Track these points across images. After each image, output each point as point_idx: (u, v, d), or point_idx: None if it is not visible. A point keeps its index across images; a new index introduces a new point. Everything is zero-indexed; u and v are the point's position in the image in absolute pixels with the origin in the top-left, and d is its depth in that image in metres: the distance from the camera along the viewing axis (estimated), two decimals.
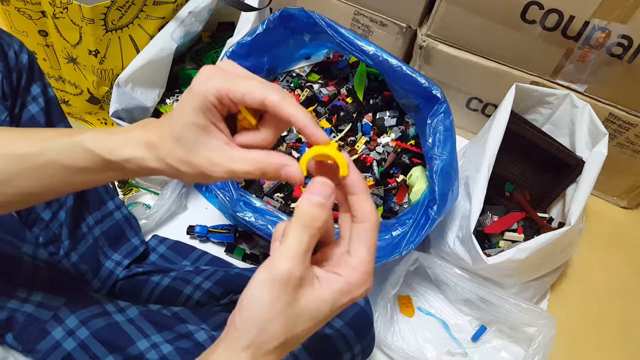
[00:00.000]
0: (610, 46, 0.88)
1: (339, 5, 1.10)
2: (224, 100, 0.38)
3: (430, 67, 1.09)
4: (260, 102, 0.38)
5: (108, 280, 0.77)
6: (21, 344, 0.61)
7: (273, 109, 0.38)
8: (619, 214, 1.13)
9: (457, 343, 0.90)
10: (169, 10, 0.99)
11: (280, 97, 0.38)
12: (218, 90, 0.38)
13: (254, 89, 0.38)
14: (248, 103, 0.38)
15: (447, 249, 0.87)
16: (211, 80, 0.38)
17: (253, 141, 0.41)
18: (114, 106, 0.92)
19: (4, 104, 0.64)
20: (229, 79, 0.38)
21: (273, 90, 0.38)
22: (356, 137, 0.97)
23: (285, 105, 0.38)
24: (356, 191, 0.39)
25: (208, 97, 0.38)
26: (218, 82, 0.38)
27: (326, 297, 0.37)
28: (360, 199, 0.39)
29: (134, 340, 0.62)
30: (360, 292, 0.38)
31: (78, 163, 0.42)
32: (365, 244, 0.38)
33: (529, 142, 0.93)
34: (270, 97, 0.38)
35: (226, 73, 0.39)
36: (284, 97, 0.38)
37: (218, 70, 0.39)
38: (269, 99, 0.38)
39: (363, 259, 0.38)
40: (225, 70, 0.39)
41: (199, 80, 0.38)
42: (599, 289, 1.02)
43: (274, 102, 0.38)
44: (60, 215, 0.71)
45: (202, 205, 1.03)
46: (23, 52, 0.68)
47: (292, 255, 0.35)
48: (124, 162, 0.41)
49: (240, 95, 0.38)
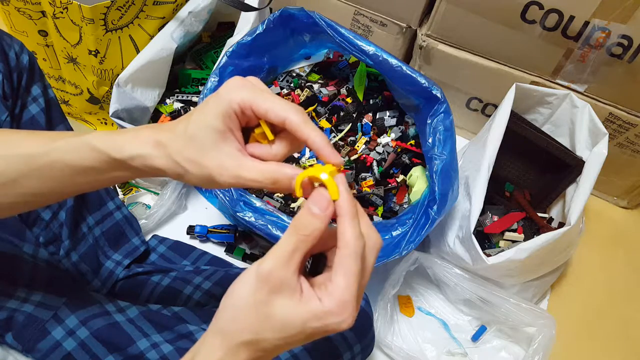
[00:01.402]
0: (610, 46, 0.88)
1: (339, 5, 1.10)
2: (246, 111, 0.40)
3: (430, 67, 1.09)
4: (281, 120, 0.39)
5: (108, 280, 0.77)
6: (21, 343, 0.61)
7: (292, 128, 0.39)
8: (619, 214, 1.14)
9: (457, 343, 0.90)
10: (169, 10, 0.99)
11: (302, 119, 0.39)
12: (244, 100, 0.40)
13: (278, 107, 0.39)
14: (270, 119, 0.40)
15: (447, 249, 0.87)
16: (239, 90, 0.40)
17: (264, 154, 0.42)
18: (114, 106, 0.92)
19: (5, 104, 0.64)
20: (256, 93, 0.40)
21: (295, 111, 0.40)
22: (356, 137, 0.97)
23: (305, 127, 0.39)
24: (340, 213, 0.38)
25: (232, 105, 0.40)
26: (245, 93, 0.40)
27: (299, 313, 0.36)
28: (341, 222, 0.37)
29: (134, 340, 0.62)
30: (334, 321, 0.36)
31: (84, 162, 0.43)
32: (342, 272, 0.36)
33: (529, 142, 0.93)
34: (292, 117, 0.39)
35: (254, 87, 0.41)
36: (305, 120, 0.39)
37: (247, 83, 0.41)
38: (290, 118, 0.39)
39: (339, 287, 0.36)
40: (253, 84, 0.41)
41: (227, 87, 0.40)
42: (599, 289, 1.02)
43: (294, 122, 0.39)
44: (60, 215, 0.71)
45: (202, 205, 1.03)
46: (24, 53, 0.68)
47: (277, 256, 0.36)
48: (129, 159, 0.41)
49: (263, 110, 0.40)
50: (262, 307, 0.36)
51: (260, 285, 0.36)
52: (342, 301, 0.36)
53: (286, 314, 0.36)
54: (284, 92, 1.00)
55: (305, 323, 0.36)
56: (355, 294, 0.36)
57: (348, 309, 0.36)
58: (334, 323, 0.36)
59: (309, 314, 0.36)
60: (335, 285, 0.36)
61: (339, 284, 0.36)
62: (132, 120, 0.98)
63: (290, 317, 0.36)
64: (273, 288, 0.36)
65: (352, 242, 0.36)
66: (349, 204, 0.38)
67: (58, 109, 0.74)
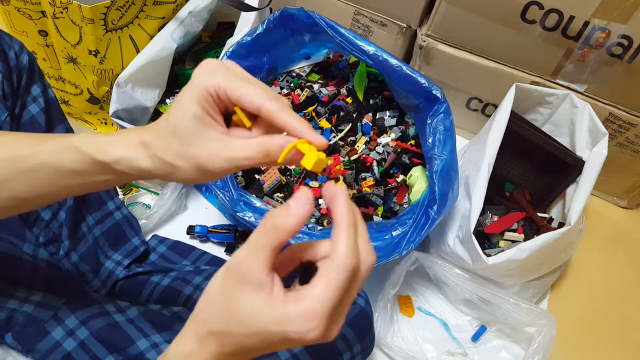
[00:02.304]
0: (610, 46, 0.88)
1: (339, 5, 1.10)
2: (221, 96, 0.39)
3: (430, 67, 1.09)
4: (256, 108, 0.38)
5: (108, 280, 0.77)
6: (21, 344, 0.61)
7: (269, 116, 0.38)
8: (619, 214, 1.13)
9: (457, 343, 0.90)
10: (169, 10, 0.99)
11: (278, 106, 0.38)
12: (218, 84, 0.38)
13: (252, 94, 0.38)
14: (244, 105, 0.39)
15: (447, 249, 0.87)
16: (212, 75, 0.39)
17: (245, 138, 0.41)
18: (114, 106, 0.92)
19: (5, 104, 0.64)
20: (231, 78, 0.39)
21: (271, 99, 0.38)
22: (356, 137, 0.97)
23: (281, 114, 0.38)
24: (337, 222, 0.35)
25: (207, 89, 0.38)
26: (219, 78, 0.38)
27: (260, 311, 0.33)
28: (337, 231, 0.35)
29: (134, 340, 0.62)
30: (296, 329, 0.33)
31: (69, 165, 0.42)
32: (323, 281, 0.33)
33: (529, 142, 0.93)
34: (266, 105, 0.38)
35: (229, 72, 0.39)
36: (281, 107, 0.38)
37: (222, 67, 0.39)
38: (265, 105, 0.38)
39: (313, 295, 0.33)
40: (229, 69, 0.40)
41: (199, 72, 0.39)
42: (599, 289, 1.02)
43: (270, 110, 0.38)
44: (60, 215, 0.71)
45: (202, 205, 1.03)
46: (23, 52, 0.68)
47: (246, 248, 0.35)
48: (114, 163, 0.41)
49: (237, 97, 0.38)
50: (228, 298, 0.35)
51: (227, 274, 0.35)
52: (309, 310, 0.33)
53: (249, 310, 0.34)
54: (284, 92, 1.00)
55: (264, 324, 0.33)
56: (331, 307, 0.33)
57: (316, 319, 0.33)
58: (296, 332, 0.33)
59: (269, 315, 0.33)
60: (310, 293, 0.33)
61: (315, 292, 0.33)
62: (132, 120, 0.98)
63: (251, 314, 0.34)
64: (239, 279, 0.34)
65: (343, 253, 0.34)
66: (347, 214, 0.35)
67: (58, 109, 0.74)
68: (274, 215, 0.35)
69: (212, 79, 0.38)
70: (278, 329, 0.33)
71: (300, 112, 0.99)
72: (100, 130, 1.10)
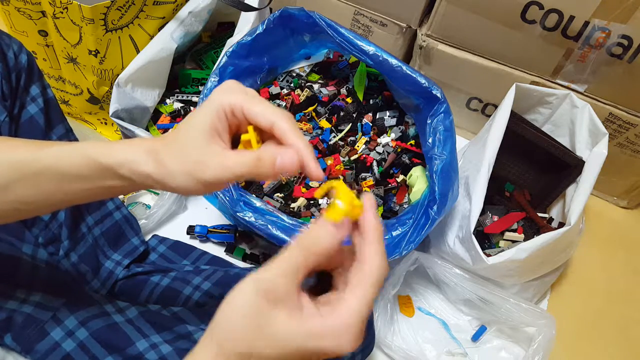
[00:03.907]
0: (610, 46, 0.88)
1: (339, 5, 1.10)
2: (237, 113, 0.40)
3: (430, 67, 1.09)
4: (270, 125, 0.40)
5: (108, 280, 0.77)
6: (20, 344, 0.61)
7: (280, 134, 0.40)
8: (619, 214, 1.13)
9: (457, 343, 0.90)
10: (169, 10, 0.99)
11: (290, 126, 0.40)
12: (236, 101, 0.40)
13: (268, 112, 0.40)
14: (260, 122, 0.40)
15: (447, 249, 0.87)
16: (231, 93, 0.41)
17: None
18: (114, 106, 0.92)
19: (4, 104, 0.64)
20: (248, 97, 0.41)
21: (285, 117, 0.40)
22: (356, 137, 0.97)
23: (293, 134, 0.40)
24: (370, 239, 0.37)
25: (223, 106, 0.40)
26: (236, 96, 0.40)
27: (297, 329, 0.34)
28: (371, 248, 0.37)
29: (133, 341, 0.62)
30: (334, 343, 0.34)
31: (73, 169, 0.43)
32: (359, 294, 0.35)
33: (529, 142, 0.93)
34: (280, 123, 0.40)
35: (246, 92, 0.41)
36: (293, 128, 0.40)
37: (239, 87, 0.41)
38: (279, 123, 0.40)
39: (349, 308, 0.35)
40: (246, 90, 0.42)
41: (218, 90, 0.41)
42: (599, 289, 1.02)
43: (283, 128, 0.40)
44: (59, 216, 0.71)
45: (202, 205, 1.03)
46: (22, 52, 0.68)
47: (278, 267, 0.35)
48: (117, 166, 0.41)
49: (253, 114, 0.40)
50: (257, 319, 0.35)
51: (261, 294, 0.35)
52: (347, 323, 0.34)
53: (284, 330, 0.34)
54: (284, 92, 1.00)
55: (303, 342, 0.34)
56: (365, 319, 0.35)
57: (351, 332, 0.34)
58: (333, 345, 0.34)
59: (306, 331, 0.34)
60: (346, 306, 0.35)
61: (351, 305, 0.35)
62: (132, 120, 0.98)
63: (285, 332, 0.34)
64: (270, 301, 0.35)
65: (378, 268, 0.36)
66: (378, 227, 0.37)
67: (57, 109, 0.73)
68: (312, 235, 0.36)
69: (229, 97, 0.40)
70: (315, 344, 0.34)
71: (300, 112, 0.99)
72: (100, 130, 1.10)
